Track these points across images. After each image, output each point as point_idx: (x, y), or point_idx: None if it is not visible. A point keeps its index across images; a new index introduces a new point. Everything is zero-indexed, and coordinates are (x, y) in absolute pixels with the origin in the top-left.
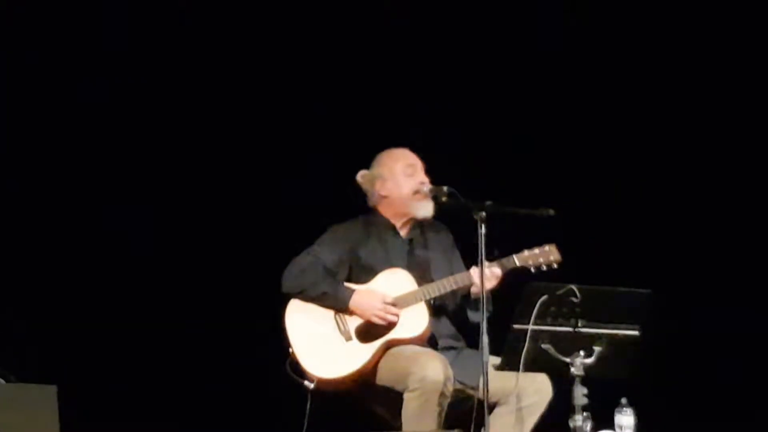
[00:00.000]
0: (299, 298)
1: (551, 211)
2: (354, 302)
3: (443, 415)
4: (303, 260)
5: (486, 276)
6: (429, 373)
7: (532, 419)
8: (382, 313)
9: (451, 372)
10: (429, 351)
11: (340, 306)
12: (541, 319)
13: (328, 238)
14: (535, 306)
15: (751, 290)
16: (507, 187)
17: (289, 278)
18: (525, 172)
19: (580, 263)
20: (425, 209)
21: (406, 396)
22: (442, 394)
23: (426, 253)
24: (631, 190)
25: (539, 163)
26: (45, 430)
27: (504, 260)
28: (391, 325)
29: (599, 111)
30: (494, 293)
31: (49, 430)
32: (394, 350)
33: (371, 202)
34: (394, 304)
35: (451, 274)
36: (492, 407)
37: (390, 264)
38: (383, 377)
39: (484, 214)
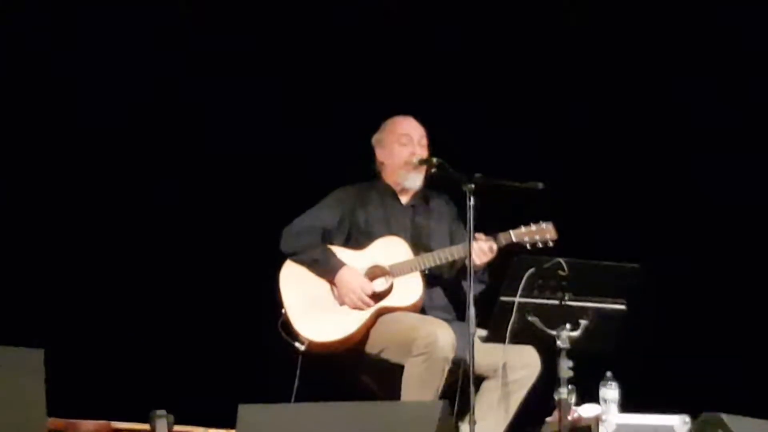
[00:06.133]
0: (292, 260)
1: (540, 185)
2: (339, 277)
3: (443, 382)
4: (302, 222)
5: (482, 250)
6: (436, 339)
7: (520, 394)
8: (356, 301)
9: (455, 340)
10: (432, 318)
11: (328, 276)
12: (527, 291)
13: (330, 199)
14: (522, 278)
15: (741, 264)
16: (498, 161)
17: (287, 238)
18: (515, 146)
19: (568, 237)
20: (413, 180)
21: (409, 361)
22: (446, 360)
23: (427, 222)
24: (622, 164)
25: (530, 137)
26: (31, 393)
27: (500, 235)
28: (385, 293)
29: (589, 87)
30: (491, 267)
31: (35, 394)
32: (390, 317)
33: (377, 167)
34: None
35: (450, 245)
36: (480, 381)
37: (389, 229)
38: (375, 343)
39: (473, 186)
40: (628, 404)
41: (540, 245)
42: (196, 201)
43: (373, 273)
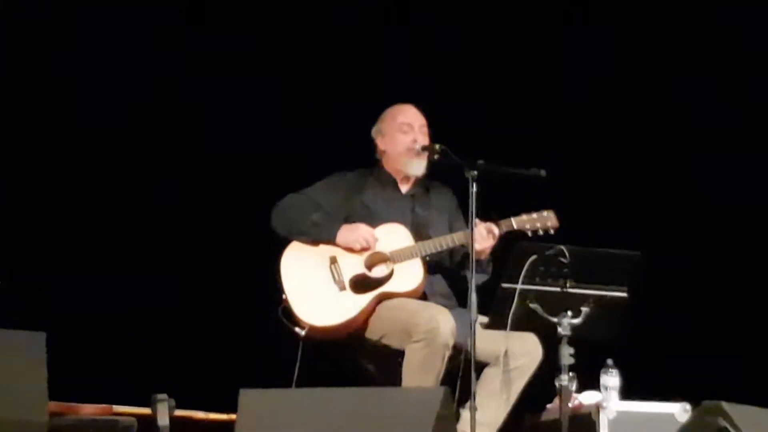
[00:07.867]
0: (289, 233)
1: (543, 172)
2: (340, 235)
3: (444, 368)
4: (292, 197)
5: (483, 235)
6: (437, 325)
7: (521, 381)
8: (362, 241)
9: (455, 326)
10: (433, 304)
11: (328, 237)
12: (529, 278)
13: (324, 182)
14: (524, 265)
15: (738, 253)
16: (500, 148)
17: (278, 212)
18: (515, 146)
19: (568, 236)
20: (416, 167)
21: (409, 347)
22: (446, 346)
23: (427, 212)
24: (622, 164)
25: (530, 136)
26: (32, 376)
27: (501, 222)
28: (385, 279)
29: (589, 87)
30: (493, 256)
31: (37, 377)
32: (390, 303)
33: (378, 156)
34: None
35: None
36: (481, 367)
37: (389, 217)
38: (376, 329)
39: (475, 173)
40: (628, 392)
41: (541, 233)
42: (196, 201)
43: (373, 259)
